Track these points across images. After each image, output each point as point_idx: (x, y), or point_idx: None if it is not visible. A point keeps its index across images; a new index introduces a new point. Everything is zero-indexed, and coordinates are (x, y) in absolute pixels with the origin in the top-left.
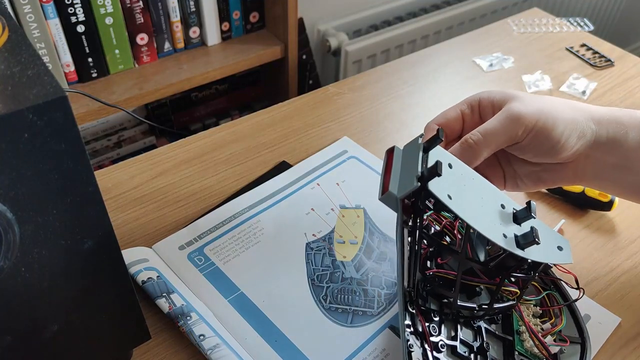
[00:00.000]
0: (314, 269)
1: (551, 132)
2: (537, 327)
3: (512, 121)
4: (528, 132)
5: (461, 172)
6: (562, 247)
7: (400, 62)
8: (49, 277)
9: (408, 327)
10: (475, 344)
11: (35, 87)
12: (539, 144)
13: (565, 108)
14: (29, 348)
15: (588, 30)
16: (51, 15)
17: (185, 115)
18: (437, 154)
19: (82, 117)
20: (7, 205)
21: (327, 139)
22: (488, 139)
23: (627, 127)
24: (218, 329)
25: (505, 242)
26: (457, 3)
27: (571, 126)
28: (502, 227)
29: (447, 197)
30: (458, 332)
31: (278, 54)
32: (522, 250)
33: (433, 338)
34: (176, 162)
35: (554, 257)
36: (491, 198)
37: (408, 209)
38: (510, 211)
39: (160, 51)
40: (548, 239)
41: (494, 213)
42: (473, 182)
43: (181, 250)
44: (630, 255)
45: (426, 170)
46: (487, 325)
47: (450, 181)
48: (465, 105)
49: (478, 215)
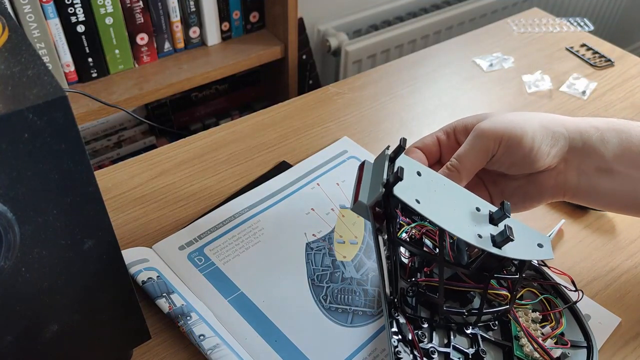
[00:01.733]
0: (314, 269)
1: (521, 139)
2: (537, 332)
3: (480, 138)
4: (499, 144)
5: (431, 179)
6: (542, 244)
7: (401, 62)
8: (49, 277)
9: (395, 334)
10: (471, 351)
11: (35, 87)
12: (512, 153)
13: (534, 118)
14: (29, 348)
15: (588, 30)
16: (51, 15)
17: (185, 115)
18: (403, 163)
19: (82, 117)
20: (7, 205)
21: (327, 139)
22: (464, 161)
23: (602, 130)
24: (218, 329)
25: (481, 242)
26: (457, 3)
27: (541, 132)
28: (477, 228)
29: (415, 202)
30: (450, 338)
31: (278, 54)
32: (498, 248)
33: (423, 345)
34: (176, 162)
35: (533, 253)
36: (465, 202)
37: (380, 216)
38: (486, 213)
39: (160, 51)
40: (527, 236)
41: (468, 215)
42: (444, 188)
43: (181, 250)
44: (630, 255)
45: (391, 177)
46: (484, 333)
47: (418, 187)
48: (441, 132)
49: (450, 218)
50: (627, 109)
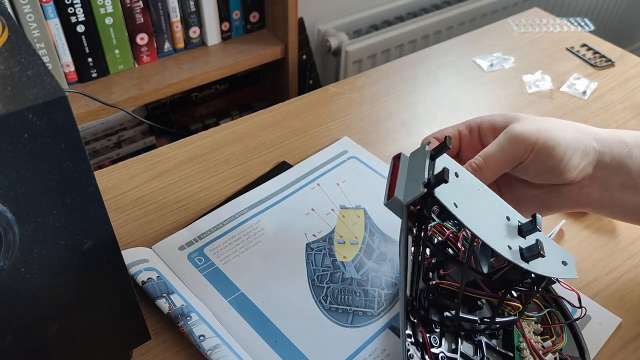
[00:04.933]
0: (314, 269)
1: (553, 150)
2: (538, 345)
3: (512, 142)
4: (530, 151)
5: (467, 182)
6: (566, 262)
7: (401, 62)
8: (49, 277)
9: (409, 336)
10: (476, 358)
11: (35, 87)
12: (541, 163)
13: (566, 128)
14: (29, 348)
15: (588, 30)
16: (51, 15)
17: (185, 115)
18: (444, 162)
19: (82, 117)
20: (7, 205)
21: (327, 139)
22: (490, 162)
23: (630, 145)
24: (218, 329)
25: (510, 254)
26: (458, 3)
27: (574, 144)
28: (507, 239)
29: (454, 205)
30: (459, 345)
31: (278, 54)
32: (526, 262)
33: (434, 349)
34: (176, 162)
35: (558, 271)
36: (497, 209)
37: (413, 216)
38: (515, 224)
39: (160, 51)
40: (552, 253)
41: (499, 224)
42: (479, 193)
43: (181, 250)
44: (630, 255)
45: (433, 177)
46: (488, 340)
47: (456, 190)
48: (464, 126)
49: (483, 226)
50: (628, 109)
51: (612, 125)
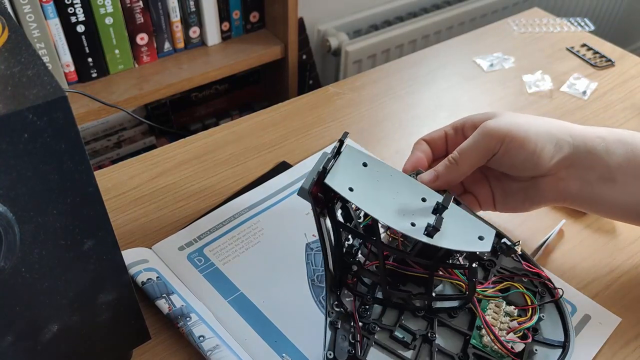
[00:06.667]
0: (314, 269)
1: (523, 142)
2: (505, 325)
3: (484, 135)
4: (501, 144)
5: (377, 169)
6: (483, 237)
7: (401, 62)
8: (49, 277)
9: (337, 306)
10: (420, 332)
11: (35, 87)
12: (513, 155)
13: (540, 123)
14: (29, 348)
15: (589, 30)
16: (51, 15)
17: (185, 115)
18: (347, 153)
19: (82, 117)
20: (7, 205)
21: (327, 139)
22: (464, 155)
23: (607, 140)
24: (218, 329)
25: (409, 230)
26: (458, 3)
27: (545, 137)
28: (414, 217)
29: (347, 190)
30: (401, 318)
31: (278, 54)
32: (430, 237)
33: (365, 320)
34: (176, 162)
35: (469, 245)
36: (410, 192)
37: (321, 201)
38: (432, 204)
39: (160, 51)
40: (469, 228)
41: (408, 205)
42: (391, 179)
43: (181, 250)
44: (630, 255)
45: (328, 166)
46: (446, 319)
47: (358, 177)
48: (449, 127)
49: (385, 206)
50: (628, 109)
51: (612, 125)
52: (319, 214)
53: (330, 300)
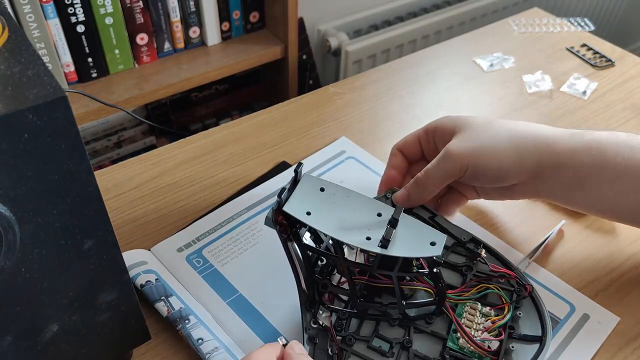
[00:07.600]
0: None
1: (487, 166)
2: (480, 326)
3: (447, 161)
4: (465, 168)
5: (334, 192)
6: (435, 242)
7: (401, 62)
8: (49, 277)
9: (315, 323)
10: (397, 339)
11: (35, 87)
12: (480, 175)
13: (503, 138)
14: (29, 348)
15: (589, 30)
16: (51, 15)
17: (185, 115)
18: (305, 181)
19: (82, 117)
20: (7, 205)
21: (326, 139)
22: (430, 177)
23: (575, 148)
24: (217, 331)
25: (364, 244)
26: (458, 3)
27: (510, 155)
28: (370, 232)
29: (305, 214)
30: (377, 329)
31: (278, 54)
32: (384, 248)
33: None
34: (176, 162)
35: (420, 251)
36: (367, 209)
37: (285, 227)
38: (387, 218)
39: (160, 51)
40: (421, 235)
41: (365, 221)
42: (347, 199)
43: (180, 252)
44: (630, 255)
45: (284, 196)
46: (423, 326)
47: (315, 201)
48: (422, 131)
49: (342, 226)
50: (628, 109)
51: (612, 125)
52: (285, 239)
53: (307, 317)
